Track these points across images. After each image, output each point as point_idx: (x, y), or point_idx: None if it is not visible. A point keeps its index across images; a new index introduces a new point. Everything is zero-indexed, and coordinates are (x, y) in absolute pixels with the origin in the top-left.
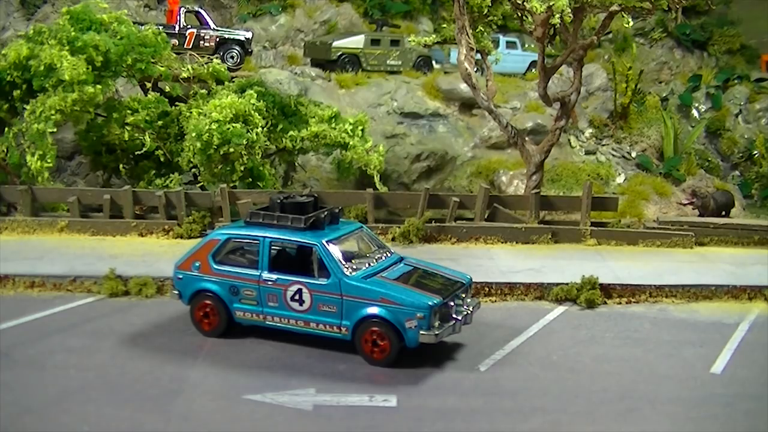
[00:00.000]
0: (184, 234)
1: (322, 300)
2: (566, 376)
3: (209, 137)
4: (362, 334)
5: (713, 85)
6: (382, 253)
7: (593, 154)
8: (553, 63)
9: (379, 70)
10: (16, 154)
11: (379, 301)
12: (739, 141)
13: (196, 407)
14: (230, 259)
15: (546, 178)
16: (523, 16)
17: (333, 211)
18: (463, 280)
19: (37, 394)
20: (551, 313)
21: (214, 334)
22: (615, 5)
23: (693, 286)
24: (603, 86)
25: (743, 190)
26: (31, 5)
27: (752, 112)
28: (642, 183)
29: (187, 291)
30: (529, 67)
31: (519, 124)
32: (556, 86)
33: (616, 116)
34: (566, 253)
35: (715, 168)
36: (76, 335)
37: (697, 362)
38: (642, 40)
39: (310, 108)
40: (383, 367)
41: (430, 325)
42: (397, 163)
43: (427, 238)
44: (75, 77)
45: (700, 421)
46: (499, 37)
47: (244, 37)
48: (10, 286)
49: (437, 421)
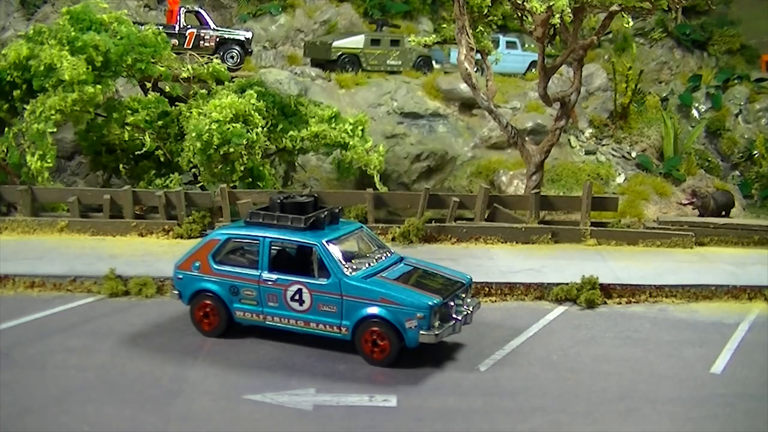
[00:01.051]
0: (184, 234)
1: (322, 300)
2: (566, 376)
3: (209, 137)
4: (362, 334)
5: (713, 85)
6: (382, 253)
7: (593, 154)
8: (553, 63)
9: (379, 70)
10: (16, 154)
11: (379, 301)
12: (739, 141)
13: (196, 407)
14: (230, 259)
15: (546, 178)
16: (523, 16)
17: (333, 211)
18: (463, 280)
19: (37, 394)
20: (551, 313)
21: (214, 334)
22: (615, 5)
23: (693, 286)
24: (603, 86)
25: (743, 190)
26: (31, 5)
27: (752, 112)
28: (642, 183)
29: (187, 291)
30: (529, 67)
31: (519, 124)
32: (556, 86)
33: (616, 116)
34: (566, 253)
35: (715, 168)
36: (76, 335)
37: (697, 362)
38: (642, 40)
39: (310, 108)
40: (383, 367)
41: (430, 325)
42: (397, 163)
43: (427, 238)
44: (75, 77)
45: (700, 421)
46: (499, 37)
47: (244, 37)
48: (10, 286)
49: (437, 421)
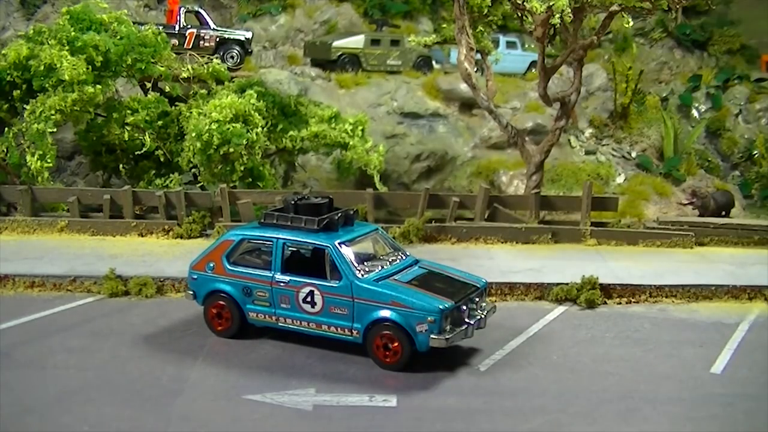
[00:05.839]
0: (184, 234)
1: (333, 302)
2: (566, 376)
3: (209, 137)
4: (373, 338)
5: (713, 85)
6: (397, 255)
7: (593, 154)
8: (553, 63)
9: (379, 70)
10: (16, 154)
11: (390, 304)
12: (739, 141)
13: (196, 407)
14: (244, 260)
15: (546, 178)
16: (523, 16)
17: (347, 213)
18: (478, 283)
19: (37, 394)
20: (551, 313)
21: (227, 335)
22: (615, 5)
23: (693, 286)
24: (603, 86)
25: (743, 190)
26: (31, 5)
27: (752, 112)
28: (642, 183)
29: (202, 291)
30: (529, 67)
31: (519, 124)
32: (556, 86)
33: (616, 116)
34: (566, 253)
35: (715, 168)
36: (76, 335)
37: (697, 362)
38: (642, 40)
39: (310, 108)
40: (394, 371)
41: (440, 329)
42: (397, 163)
43: (427, 238)
44: (75, 77)
45: (700, 421)
46: (499, 37)
47: (244, 37)
48: (10, 286)
49: (437, 421)
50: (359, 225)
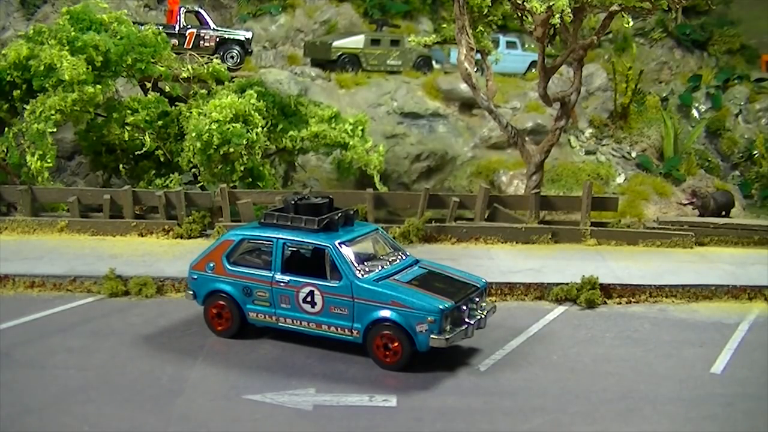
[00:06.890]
0: (184, 234)
1: (333, 302)
2: (566, 376)
3: (209, 137)
4: (373, 338)
5: (713, 85)
6: (397, 255)
7: (593, 154)
8: (553, 63)
9: (379, 70)
10: (16, 154)
11: (390, 304)
12: (739, 141)
13: (196, 407)
14: (244, 260)
15: (546, 178)
16: (523, 16)
17: (347, 213)
18: (478, 283)
19: (37, 394)
20: (551, 313)
21: (227, 335)
22: (615, 5)
23: (693, 286)
24: (603, 86)
25: (743, 190)
26: (31, 5)
27: (752, 112)
28: (642, 183)
29: (202, 291)
30: (529, 67)
31: (519, 124)
32: (556, 86)
33: (616, 116)
34: (566, 253)
35: (715, 168)
36: (76, 335)
37: (697, 362)
38: (642, 40)
39: (310, 108)
40: (394, 371)
41: (441, 329)
42: (397, 163)
43: (427, 238)
44: (75, 77)
45: (699, 421)
46: (499, 37)
47: (244, 37)
48: (10, 286)
49: (437, 421)
50: (359, 225)
